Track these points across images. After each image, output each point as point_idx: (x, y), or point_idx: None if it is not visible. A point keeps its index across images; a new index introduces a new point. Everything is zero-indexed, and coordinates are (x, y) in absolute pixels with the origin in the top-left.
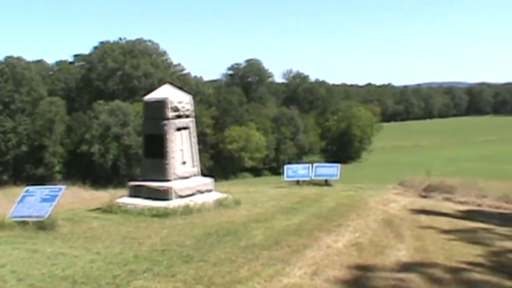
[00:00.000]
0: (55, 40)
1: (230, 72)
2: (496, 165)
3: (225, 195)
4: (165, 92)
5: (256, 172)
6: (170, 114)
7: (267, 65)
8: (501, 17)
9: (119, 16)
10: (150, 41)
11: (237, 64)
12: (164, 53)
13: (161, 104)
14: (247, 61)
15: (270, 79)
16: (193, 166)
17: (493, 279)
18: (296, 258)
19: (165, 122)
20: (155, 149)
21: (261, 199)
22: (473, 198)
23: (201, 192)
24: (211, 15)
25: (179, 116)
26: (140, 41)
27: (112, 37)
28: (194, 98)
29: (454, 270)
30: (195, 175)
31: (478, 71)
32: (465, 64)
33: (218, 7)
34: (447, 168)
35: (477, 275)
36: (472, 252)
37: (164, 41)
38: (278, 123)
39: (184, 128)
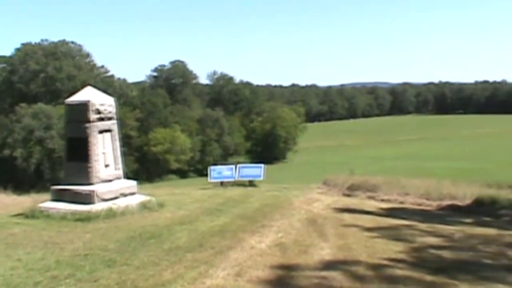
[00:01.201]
0: None
1: (155, 74)
2: (418, 163)
3: (149, 198)
4: (87, 95)
5: (181, 174)
6: (92, 116)
7: (192, 66)
8: (421, 17)
9: (41, 17)
10: (73, 42)
11: (161, 65)
12: (88, 55)
13: (83, 106)
14: (172, 62)
15: (195, 81)
16: (116, 169)
17: (414, 274)
18: (219, 260)
19: (87, 125)
20: (78, 152)
21: (186, 201)
22: (395, 196)
23: (124, 195)
24: (136, 16)
25: (101, 119)
26: (63, 42)
27: (34, 39)
28: (118, 101)
29: (376, 267)
30: (118, 178)
31: (400, 72)
32: (387, 64)
33: (142, 7)
34: (371, 167)
35: (398, 271)
36: (394, 249)
37: (88, 42)
38: (203, 125)
39: (107, 131)
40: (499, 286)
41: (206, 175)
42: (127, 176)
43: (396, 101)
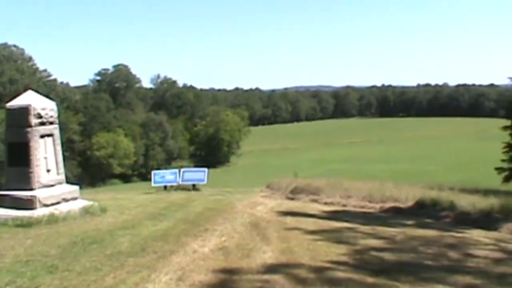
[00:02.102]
0: None
1: (98, 77)
2: (361, 165)
3: (91, 203)
4: (28, 99)
5: (125, 178)
6: (34, 121)
7: (135, 70)
8: (363, 21)
9: None
10: (15, 46)
11: (104, 69)
12: (30, 58)
13: (24, 111)
14: (115, 66)
15: (138, 85)
16: (58, 173)
17: (356, 276)
18: (162, 264)
19: (29, 129)
20: (19, 157)
21: (128, 206)
22: (338, 198)
23: (66, 200)
24: (78, 19)
25: (42, 123)
26: (4, 46)
27: None
28: (61, 104)
29: (318, 270)
30: (60, 183)
31: (343, 75)
32: (330, 68)
33: (84, 10)
34: (314, 170)
35: (340, 274)
36: (336, 251)
37: (30, 46)
38: (147, 129)
39: (48, 135)
40: (439, 286)
41: (150, 179)
42: (70, 181)
43: (339, 104)
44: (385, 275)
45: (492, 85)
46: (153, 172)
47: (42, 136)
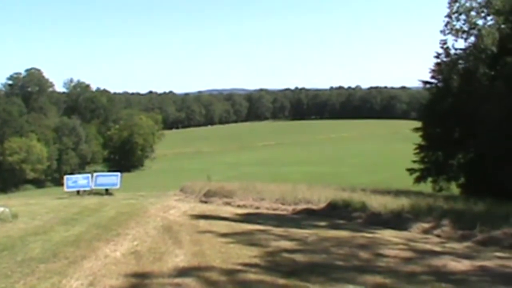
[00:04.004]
0: None
1: (10, 82)
2: (275, 168)
3: (2, 209)
4: None
5: (38, 183)
6: None
7: (48, 74)
8: (277, 24)
9: None
10: None
11: (17, 73)
12: None
13: None
14: (27, 70)
15: (51, 89)
16: None
17: (268, 278)
18: (73, 270)
19: None
20: None
21: (40, 211)
22: (251, 201)
23: None
24: None
25: None
26: None
27: None
28: None
29: (230, 272)
30: None
31: (257, 78)
32: (244, 71)
33: None
34: (228, 173)
35: (252, 276)
36: (248, 254)
37: None
38: (60, 133)
39: None
40: (349, 286)
41: (63, 184)
42: None
43: (253, 107)
44: (296, 276)
45: (403, 87)
46: (65, 177)
47: None
